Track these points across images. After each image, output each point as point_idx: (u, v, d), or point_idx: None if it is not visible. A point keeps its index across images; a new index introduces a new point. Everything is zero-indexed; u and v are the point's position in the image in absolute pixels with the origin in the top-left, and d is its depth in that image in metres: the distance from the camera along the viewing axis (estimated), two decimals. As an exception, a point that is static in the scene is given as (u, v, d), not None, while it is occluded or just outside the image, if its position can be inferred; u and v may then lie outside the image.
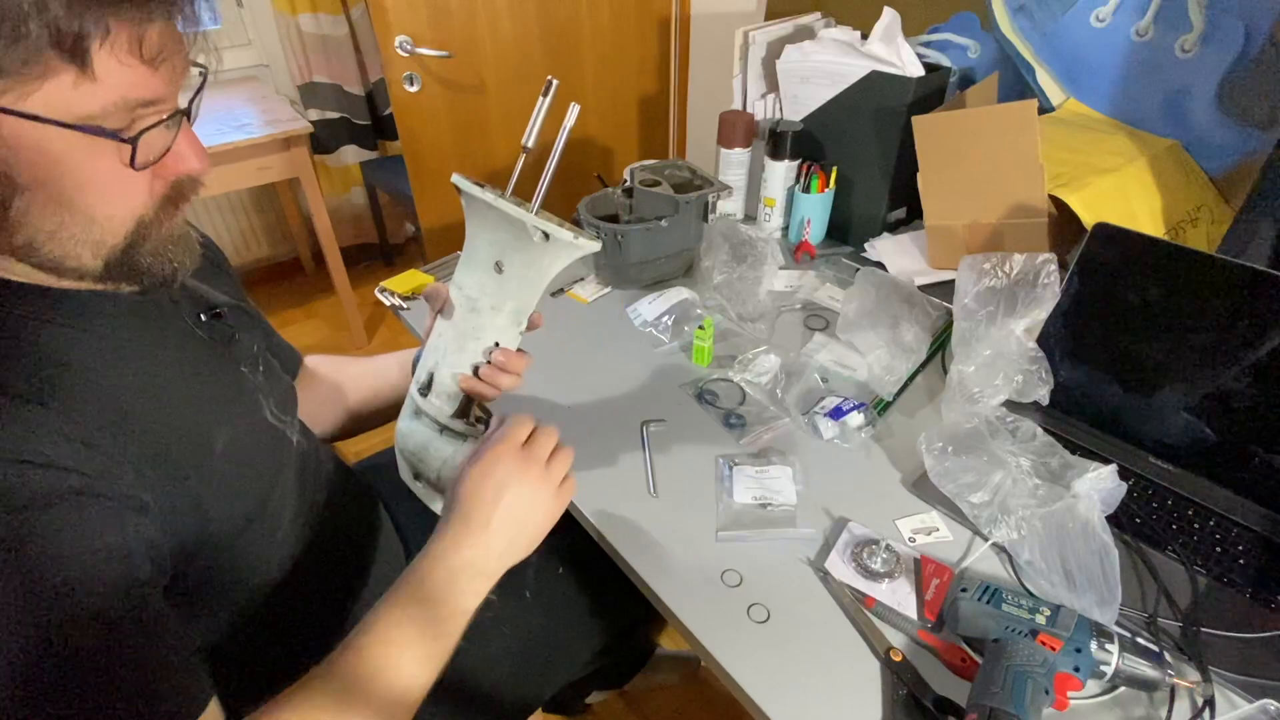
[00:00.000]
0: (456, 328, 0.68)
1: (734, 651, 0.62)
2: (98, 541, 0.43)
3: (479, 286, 0.66)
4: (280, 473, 0.64)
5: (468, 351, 0.67)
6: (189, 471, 0.52)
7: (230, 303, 0.67)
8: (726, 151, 1.25)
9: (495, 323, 0.66)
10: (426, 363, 0.70)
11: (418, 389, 0.70)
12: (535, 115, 0.61)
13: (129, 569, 0.45)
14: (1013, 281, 0.83)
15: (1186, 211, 1.05)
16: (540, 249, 0.61)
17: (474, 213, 0.64)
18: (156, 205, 0.49)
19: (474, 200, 0.62)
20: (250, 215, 2.55)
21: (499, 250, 0.64)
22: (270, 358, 0.70)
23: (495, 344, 0.67)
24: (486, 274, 0.65)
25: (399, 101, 1.69)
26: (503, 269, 0.64)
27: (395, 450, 0.74)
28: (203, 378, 0.58)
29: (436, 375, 0.69)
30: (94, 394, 0.47)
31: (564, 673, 0.88)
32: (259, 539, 0.61)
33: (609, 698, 1.36)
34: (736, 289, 1.06)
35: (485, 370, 0.67)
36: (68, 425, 0.44)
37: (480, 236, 0.65)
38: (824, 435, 0.84)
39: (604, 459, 0.77)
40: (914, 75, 1.08)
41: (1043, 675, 0.55)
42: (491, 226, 0.63)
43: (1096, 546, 0.63)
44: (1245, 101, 1.04)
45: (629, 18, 1.94)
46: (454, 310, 0.68)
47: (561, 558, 0.87)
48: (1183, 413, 0.77)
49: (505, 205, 0.60)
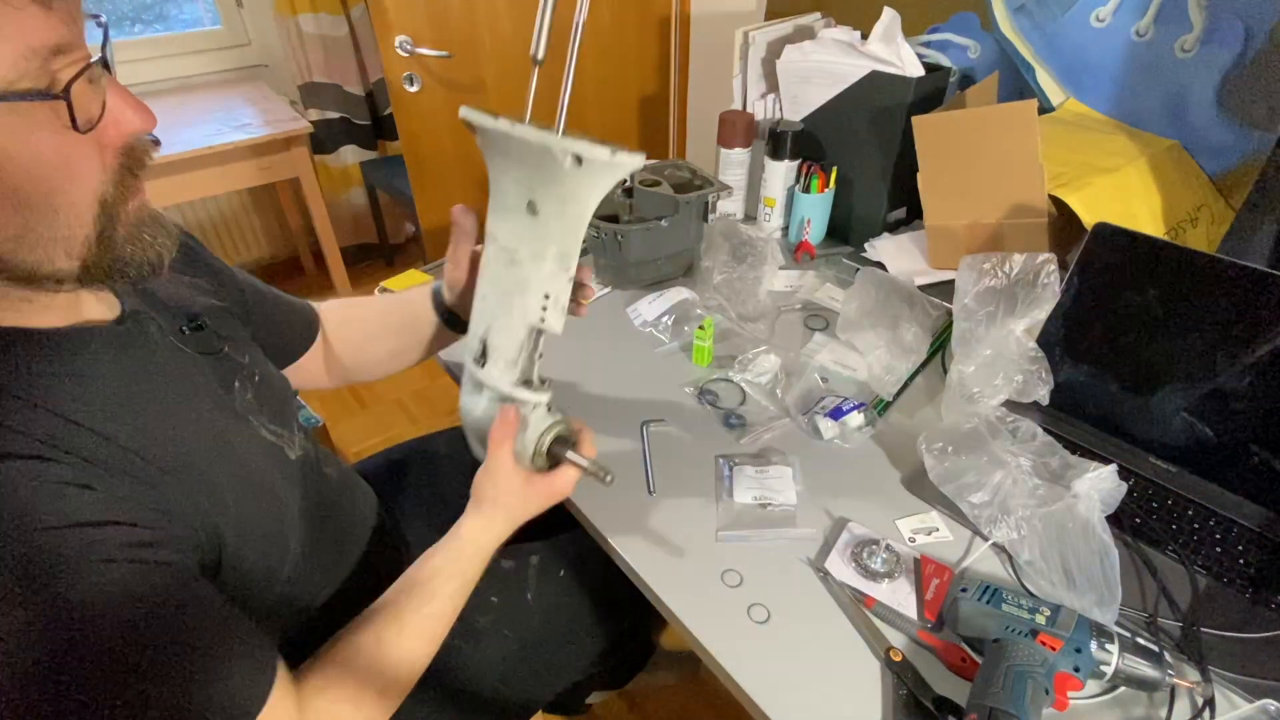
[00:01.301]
0: (499, 286, 0.61)
1: (734, 651, 0.62)
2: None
3: (513, 234, 0.59)
4: (286, 490, 0.63)
5: (516, 310, 0.60)
6: (204, 503, 0.52)
7: (212, 305, 0.64)
8: (726, 151, 1.25)
9: (540, 273, 0.58)
10: (476, 330, 0.64)
11: (473, 360, 0.64)
12: (540, 17, 0.53)
13: (181, 566, 0.47)
14: (1013, 281, 0.83)
15: (1186, 211, 1.05)
16: (575, 177, 0.52)
17: (493, 149, 0.57)
18: (114, 180, 0.44)
19: (489, 134, 0.55)
20: (250, 215, 2.55)
21: (528, 188, 0.56)
22: (263, 363, 0.68)
23: (546, 296, 0.59)
24: (519, 218, 0.57)
25: (399, 101, 1.69)
26: (537, 209, 0.56)
27: (463, 425, 0.70)
28: (196, 403, 0.56)
29: (489, 342, 0.62)
30: (99, 442, 0.46)
31: (564, 674, 0.88)
32: (267, 557, 0.60)
33: (609, 698, 1.36)
34: (736, 289, 1.06)
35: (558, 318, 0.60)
36: (89, 476, 0.44)
37: (505, 176, 0.57)
38: (824, 435, 0.84)
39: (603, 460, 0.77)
40: (914, 75, 1.08)
41: (1042, 675, 0.55)
42: (515, 161, 0.56)
43: (1096, 546, 0.63)
44: (1245, 101, 1.04)
45: (629, 18, 1.94)
46: (491, 266, 0.61)
47: (563, 560, 0.87)
48: (1183, 413, 0.77)
49: (525, 131, 0.52)
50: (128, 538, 0.44)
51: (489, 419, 0.64)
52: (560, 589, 0.86)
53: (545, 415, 0.65)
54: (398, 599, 0.62)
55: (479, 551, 0.65)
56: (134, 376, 0.51)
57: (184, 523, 0.49)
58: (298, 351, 0.80)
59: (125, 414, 0.48)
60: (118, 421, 0.47)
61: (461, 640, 0.64)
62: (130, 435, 0.48)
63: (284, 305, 0.78)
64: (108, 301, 0.53)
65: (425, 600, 0.61)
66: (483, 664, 0.77)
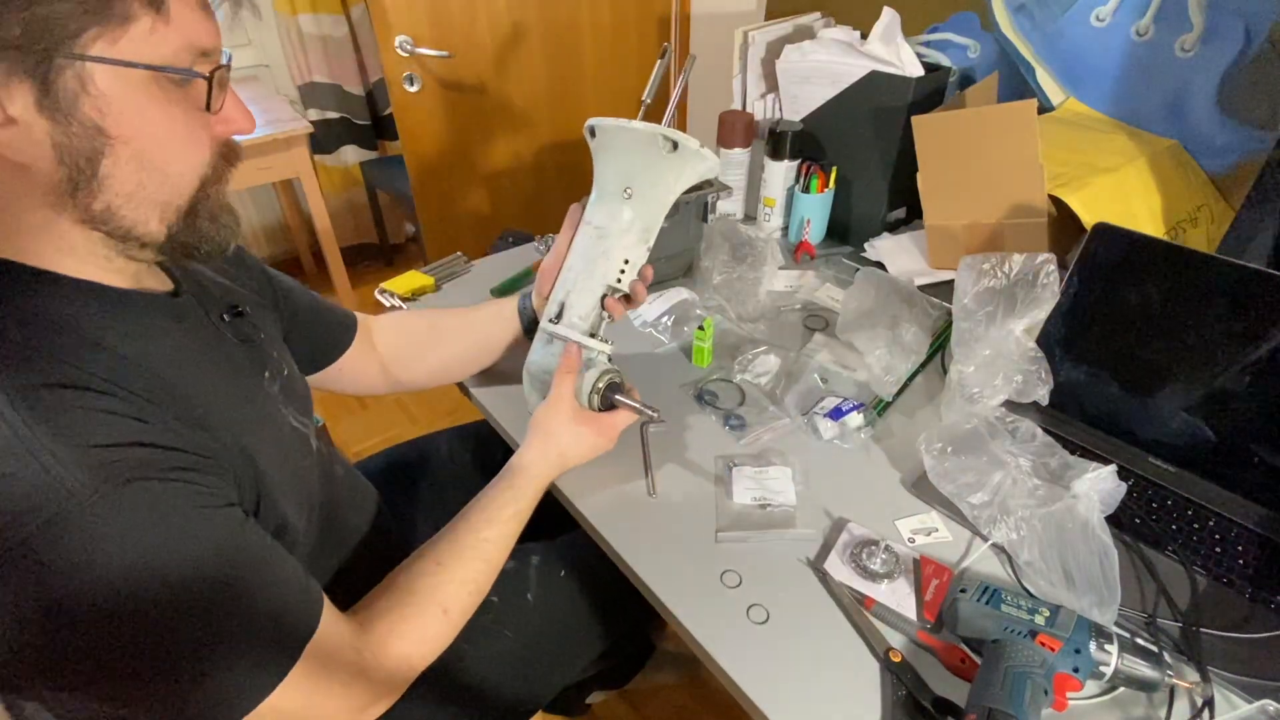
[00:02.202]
0: (586, 256, 0.75)
1: (733, 652, 0.62)
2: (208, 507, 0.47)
3: (608, 215, 0.73)
4: (311, 478, 0.65)
5: (598, 273, 0.74)
6: (247, 469, 0.53)
7: (251, 298, 0.67)
8: (726, 151, 1.25)
9: (624, 242, 0.73)
10: (557, 295, 0.77)
11: (548, 319, 0.77)
12: (655, 76, 0.79)
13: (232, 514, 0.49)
14: (1012, 282, 0.83)
15: (1186, 211, 1.05)
16: (668, 162, 0.69)
17: (603, 147, 0.72)
18: (213, 164, 0.51)
19: (606, 132, 0.70)
20: (250, 215, 2.55)
21: (627, 176, 0.71)
22: (290, 362, 0.70)
23: (625, 261, 0.74)
24: (615, 202, 0.72)
25: (399, 101, 1.69)
26: (631, 193, 0.71)
27: (524, 381, 0.81)
28: (238, 380, 0.58)
29: (567, 302, 0.76)
30: (155, 384, 0.48)
31: (564, 674, 0.88)
32: (291, 547, 0.61)
33: (610, 698, 1.36)
34: (736, 289, 1.06)
35: (631, 283, 0.75)
36: (150, 411, 0.46)
37: (609, 168, 0.72)
38: (823, 435, 0.84)
39: (603, 459, 0.77)
40: (914, 75, 1.08)
41: (1042, 676, 0.55)
42: (620, 153, 0.71)
43: (1096, 547, 0.63)
44: (1245, 101, 1.04)
45: (629, 18, 1.94)
46: (581, 242, 0.76)
47: (564, 561, 0.87)
48: (1182, 413, 0.77)
49: (636, 124, 0.68)
50: (181, 462, 0.46)
51: (555, 365, 0.76)
52: (561, 589, 0.86)
53: (605, 363, 0.77)
54: (454, 527, 0.67)
55: (531, 481, 0.71)
56: (187, 343, 0.54)
57: (231, 479, 0.51)
58: (330, 356, 0.81)
59: (179, 370, 0.51)
60: (174, 370, 0.50)
61: (462, 639, 0.64)
62: (185, 384, 0.50)
63: (322, 310, 0.80)
64: (161, 279, 0.57)
65: (480, 526, 0.67)
66: (483, 663, 0.77)
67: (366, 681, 0.55)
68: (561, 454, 0.73)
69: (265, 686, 0.47)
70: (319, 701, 0.51)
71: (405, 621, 0.59)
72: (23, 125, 0.42)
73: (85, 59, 0.42)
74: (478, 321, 0.90)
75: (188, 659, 0.45)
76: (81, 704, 0.46)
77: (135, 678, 0.44)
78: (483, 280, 1.16)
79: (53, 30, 0.40)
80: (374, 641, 0.57)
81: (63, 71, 0.41)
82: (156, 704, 0.45)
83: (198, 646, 0.45)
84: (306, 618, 0.51)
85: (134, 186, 0.46)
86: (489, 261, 1.23)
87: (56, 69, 0.41)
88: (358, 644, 0.55)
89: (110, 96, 0.43)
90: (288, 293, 0.75)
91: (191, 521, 0.45)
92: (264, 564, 0.50)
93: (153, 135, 0.46)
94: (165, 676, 0.44)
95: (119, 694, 0.45)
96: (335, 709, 0.52)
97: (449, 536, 0.66)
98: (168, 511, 0.44)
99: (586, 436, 0.74)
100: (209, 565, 0.46)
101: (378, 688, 0.56)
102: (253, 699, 0.47)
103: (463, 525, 0.67)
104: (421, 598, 0.61)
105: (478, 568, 0.65)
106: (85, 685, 0.44)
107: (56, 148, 0.43)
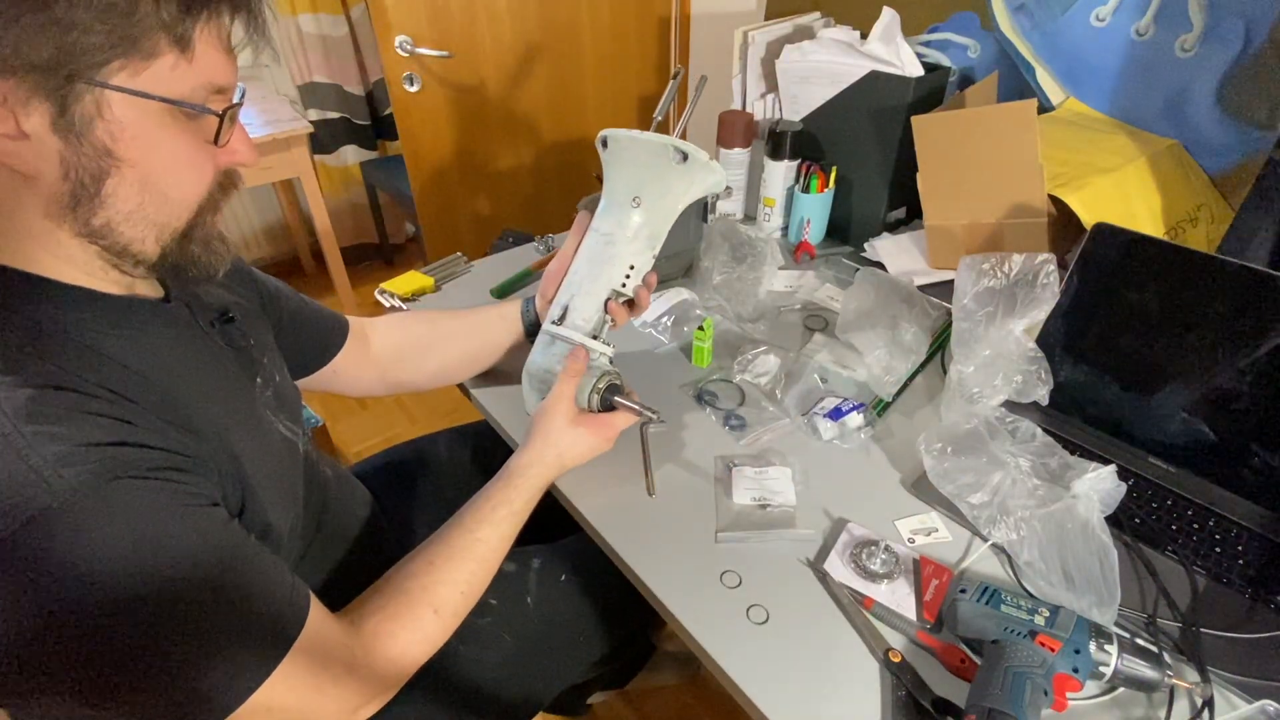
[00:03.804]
0: (592, 260, 0.76)
1: (733, 653, 0.62)
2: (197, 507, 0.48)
3: (616, 223, 0.74)
4: (299, 485, 0.66)
5: (603, 279, 0.75)
6: (233, 473, 0.54)
7: (240, 304, 0.67)
8: (726, 151, 1.25)
9: (630, 248, 0.74)
10: (561, 299, 0.78)
11: (551, 322, 0.78)
12: (666, 96, 0.81)
13: (217, 513, 0.50)
14: (1012, 281, 0.83)
15: (1186, 211, 1.05)
16: (677, 173, 0.70)
17: (614, 157, 0.73)
18: (211, 192, 0.52)
19: (618, 143, 0.71)
20: (250, 215, 2.55)
21: (637, 185, 0.72)
22: (280, 367, 0.70)
23: (631, 267, 0.75)
24: (624, 210, 0.73)
25: (399, 101, 1.69)
26: (639, 202, 0.72)
27: (524, 382, 0.81)
28: (227, 385, 0.58)
29: (571, 305, 0.77)
30: (144, 387, 0.49)
31: (564, 677, 0.88)
32: (276, 550, 0.61)
33: (610, 698, 1.36)
34: (736, 289, 1.06)
35: (636, 288, 0.77)
36: (140, 415, 0.47)
37: (619, 178, 0.73)
38: (823, 436, 0.84)
39: (603, 459, 0.77)
40: (913, 75, 1.08)
41: (1041, 676, 0.55)
42: (630, 163, 0.72)
43: (1095, 547, 0.63)
44: (1245, 101, 1.04)
45: (629, 18, 1.94)
46: (588, 248, 0.77)
47: (564, 564, 0.87)
48: (1182, 413, 0.77)
49: (648, 135, 0.69)
50: (166, 462, 0.47)
51: (555, 371, 0.77)
52: (561, 593, 0.86)
53: (606, 365, 0.78)
54: (448, 528, 0.67)
55: (528, 482, 0.71)
56: (177, 348, 0.55)
57: (216, 480, 0.51)
58: (321, 359, 0.82)
59: (168, 375, 0.51)
60: (163, 374, 0.51)
61: (460, 642, 0.65)
62: (173, 388, 0.51)
63: (310, 312, 0.81)
64: (152, 285, 0.58)
65: (474, 526, 0.67)
66: (481, 666, 0.77)
67: (357, 680, 0.55)
68: (560, 455, 0.73)
69: (250, 684, 0.47)
70: (309, 699, 0.51)
71: (395, 621, 0.59)
72: (35, 140, 0.43)
73: (106, 87, 0.43)
74: (478, 323, 0.90)
75: (172, 655, 0.45)
76: (61, 708, 0.46)
77: (118, 673, 0.44)
78: (483, 280, 1.16)
79: (81, 57, 0.42)
80: (364, 640, 0.57)
81: (82, 96, 0.43)
82: (138, 701, 0.45)
83: (181, 642, 0.45)
84: (293, 615, 0.51)
85: (134, 206, 0.48)
86: (489, 261, 1.23)
87: (76, 93, 0.43)
88: (348, 643, 0.55)
89: (124, 123, 0.45)
90: (275, 296, 0.75)
91: (176, 519, 0.46)
92: (248, 563, 0.50)
93: (159, 162, 0.47)
94: (148, 672, 0.44)
95: (99, 692, 0.44)
96: (326, 707, 0.53)
97: (443, 537, 0.66)
98: (152, 509, 0.44)
99: (585, 437, 0.74)
100: (193, 563, 0.46)
101: (369, 687, 0.56)
102: (237, 696, 0.47)
103: (457, 525, 0.67)
104: (413, 598, 0.61)
105: (471, 568, 0.65)
106: (65, 685, 0.44)
107: (64, 164, 0.44)
